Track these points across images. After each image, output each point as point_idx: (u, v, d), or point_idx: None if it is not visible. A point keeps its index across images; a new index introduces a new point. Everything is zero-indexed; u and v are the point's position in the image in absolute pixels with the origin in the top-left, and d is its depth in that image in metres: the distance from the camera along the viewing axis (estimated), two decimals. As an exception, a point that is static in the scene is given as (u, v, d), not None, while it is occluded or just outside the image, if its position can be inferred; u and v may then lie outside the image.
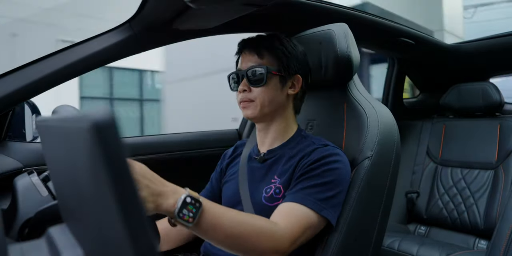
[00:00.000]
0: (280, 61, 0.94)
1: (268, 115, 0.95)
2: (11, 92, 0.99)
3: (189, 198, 0.65)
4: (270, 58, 0.94)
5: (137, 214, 0.28)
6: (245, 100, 0.94)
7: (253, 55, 0.95)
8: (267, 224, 0.76)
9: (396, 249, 1.60)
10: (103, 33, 1.12)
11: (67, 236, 0.44)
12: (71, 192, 0.42)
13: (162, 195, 0.62)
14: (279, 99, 0.95)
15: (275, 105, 0.95)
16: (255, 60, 0.94)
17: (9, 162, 1.09)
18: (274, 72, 0.93)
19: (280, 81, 0.95)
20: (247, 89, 0.93)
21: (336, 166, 0.86)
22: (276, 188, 0.90)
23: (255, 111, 0.93)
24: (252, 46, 0.96)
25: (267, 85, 0.92)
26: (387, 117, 1.00)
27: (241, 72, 0.95)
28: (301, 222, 0.79)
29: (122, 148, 0.28)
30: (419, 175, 2.03)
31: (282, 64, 0.94)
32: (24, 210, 0.80)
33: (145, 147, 1.43)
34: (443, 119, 2.11)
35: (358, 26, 1.43)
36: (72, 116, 0.34)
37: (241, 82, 0.94)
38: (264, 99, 0.92)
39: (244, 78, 0.94)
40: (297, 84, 0.98)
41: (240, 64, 0.98)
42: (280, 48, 0.95)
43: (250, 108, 0.94)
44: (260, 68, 0.92)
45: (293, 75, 0.96)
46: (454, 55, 2.06)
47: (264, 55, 0.94)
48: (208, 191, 1.12)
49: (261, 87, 0.92)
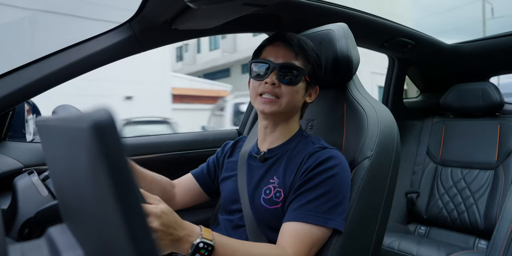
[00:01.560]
0: (311, 68, 0.94)
1: (286, 115, 0.95)
2: (11, 92, 0.99)
3: (201, 243, 0.68)
4: (303, 61, 0.93)
5: (137, 214, 0.28)
6: (270, 93, 0.90)
7: (289, 51, 0.92)
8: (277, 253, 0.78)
9: (396, 249, 1.60)
10: (103, 33, 1.12)
11: (67, 236, 0.44)
12: (71, 192, 0.42)
13: (179, 241, 0.66)
14: (299, 103, 0.95)
15: (294, 108, 0.95)
16: (292, 57, 0.91)
17: (9, 162, 1.09)
18: (307, 77, 0.93)
19: (305, 87, 0.94)
20: (276, 83, 0.90)
21: (335, 172, 0.85)
22: (276, 192, 0.90)
23: (279, 109, 0.91)
24: (289, 41, 0.92)
25: (297, 87, 0.91)
26: (387, 117, 1.00)
27: (274, 65, 0.90)
28: (308, 243, 0.80)
29: (122, 148, 0.28)
30: (419, 175, 2.03)
31: (313, 72, 0.94)
32: (24, 210, 0.80)
33: (145, 147, 1.43)
34: (443, 119, 2.11)
35: (358, 26, 1.43)
36: (72, 116, 0.34)
37: (270, 74, 0.90)
38: (290, 99, 0.91)
39: (275, 71, 0.90)
40: (314, 94, 0.99)
41: (269, 55, 0.93)
42: (314, 56, 0.94)
43: (274, 104, 0.90)
44: (298, 69, 0.91)
45: (315, 84, 0.98)
46: (454, 55, 2.06)
47: (300, 55, 0.92)
48: (201, 170, 1.13)
49: (290, 87, 0.91)
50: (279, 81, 0.90)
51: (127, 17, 1.13)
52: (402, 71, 2.19)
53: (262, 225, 0.91)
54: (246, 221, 0.93)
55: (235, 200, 0.98)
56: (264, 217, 0.90)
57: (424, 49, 1.95)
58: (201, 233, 0.70)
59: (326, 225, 0.81)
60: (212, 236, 0.71)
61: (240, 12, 1.07)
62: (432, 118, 2.15)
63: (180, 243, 0.66)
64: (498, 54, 1.97)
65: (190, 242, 0.68)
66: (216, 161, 1.12)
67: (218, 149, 1.15)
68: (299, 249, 0.79)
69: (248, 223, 0.93)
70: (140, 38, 1.14)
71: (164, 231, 0.63)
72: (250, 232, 0.92)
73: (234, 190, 0.99)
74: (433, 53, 2.04)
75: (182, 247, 0.67)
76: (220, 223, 1.03)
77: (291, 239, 0.81)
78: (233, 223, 0.97)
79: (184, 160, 1.50)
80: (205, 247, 0.68)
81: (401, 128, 1.07)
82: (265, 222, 0.90)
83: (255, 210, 0.92)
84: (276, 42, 0.94)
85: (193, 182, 1.11)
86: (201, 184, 1.11)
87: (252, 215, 0.92)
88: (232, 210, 0.99)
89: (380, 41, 1.78)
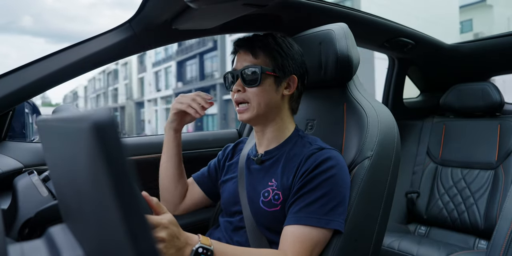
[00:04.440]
0: (275, 61, 0.93)
1: (263, 116, 0.94)
2: (11, 92, 0.99)
3: (201, 248, 0.71)
4: (265, 58, 0.93)
5: (137, 214, 0.28)
6: (241, 101, 0.93)
7: (248, 54, 0.93)
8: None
9: (396, 249, 1.60)
10: (103, 33, 1.12)
11: (67, 236, 0.44)
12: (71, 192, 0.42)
13: (181, 250, 0.69)
14: (274, 100, 0.94)
15: (270, 106, 0.94)
16: (250, 60, 0.93)
17: (9, 162, 1.09)
18: (269, 72, 0.92)
19: (275, 81, 0.93)
20: (242, 90, 0.92)
21: (334, 172, 0.85)
22: (274, 194, 0.90)
23: (252, 114, 0.92)
24: (247, 45, 0.94)
25: (261, 85, 0.91)
26: (387, 117, 1.00)
27: (236, 72, 0.93)
28: (310, 246, 0.81)
29: (122, 148, 0.28)
30: (419, 175, 2.03)
31: (277, 64, 0.93)
32: (24, 210, 0.80)
33: (145, 147, 1.43)
34: (443, 119, 2.11)
35: (358, 26, 1.43)
36: (72, 116, 0.34)
37: (236, 82, 0.93)
38: (259, 100, 0.91)
39: (239, 78, 0.92)
40: (292, 84, 0.96)
41: (235, 64, 0.96)
42: (275, 48, 0.93)
43: (246, 112, 0.93)
44: (254, 68, 0.91)
45: (288, 75, 0.95)
46: (454, 55, 2.06)
47: (259, 54, 0.93)
48: (201, 174, 1.14)
49: (255, 88, 0.91)
50: (243, 86, 0.92)
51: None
52: (402, 71, 2.19)
53: (262, 227, 0.91)
54: (246, 223, 0.93)
55: (236, 202, 0.98)
56: (263, 219, 0.91)
57: (424, 49, 1.95)
58: (200, 240, 0.72)
59: (328, 226, 0.81)
60: (210, 243, 0.73)
61: (240, 12, 1.07)
62: (432, 118, 2.15)
63: (181, 252, 0.69)
64: (498, 54, 1.97)
65: (190, 249, 0.70)
66: (217, 164, 1.13)
67: (220, 152, 1.16)
68: (300, 253, 0.79)
69: (248, 225, 0.93)
70: (140, 38, 1.14)
71: (170, 241, 0.66)
72: (251, 234, 0.92)
73: (234, 192, 0.99)
74: (433, 53, 2.04)
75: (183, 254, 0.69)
76: (221, 225, 1.03)
77: (292, 243, 0.81)
78: (233, 225, 0.97)
79: (184, 160, 1.50)
80: (204, 252, 0.71)
81: (401, 128, 1.07)
82: (264, 224, 0.91)
83: (254, 212, 0.92)
84: (238, 49, 0.97)
85: (194, 185, 1.12)
86: (203, 187, 1.11)
87: (251, 217, 0.92)
88: (232, 212, 0.99)
89: (380, 41, 1.78)
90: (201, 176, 1.13)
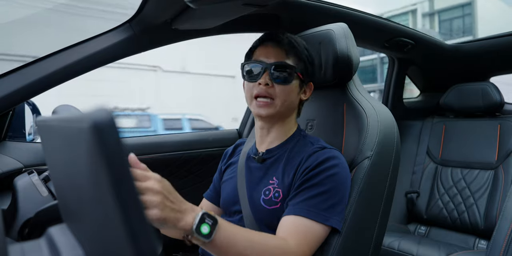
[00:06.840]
0: (303, 65, 0.94)
1: (282, 115, 0.94)
2: (11, 92, 0.99)
3: (206, 215, 0.67)
4: (295, 59, 0.93)
5: (137, 214, 0.28)
6: (264, 95, 0.90)
7: (281, 50, 0.91)
8: (278, 243, 0.77)
9: (396, 249, 1.60)
10: (103, 33, 1.12)
11: (67, 236, 0.44)
12: (71, 192, 0.42)
13: (182, 212, 0.64)
14: (295, 101, 0.95)
15: (290, 107, 0.94)
16: (282, 56, 0.91)
17: (9, 162, 1.09)
18: (299, 74, 0.92)
19: (299, 84, 0.94)
20: (270, 84, 0.90)
21: (335, 171, 0.85)
22: (275, 192, 0.90)
23: (274, 111, 0.91)
24: (278, 41, 0.92)
25: (290, 85, 0.91)
26: (387, 117, 1.00)
27: (266, 65, 0.90)
28: (309, 237, 0.80)
29: (122, 148, 0.28)
30: (419, 175, 2.03)
31: (305, 68, 0.94)
32: (24, 210, 0.80)
33: (145, 147, 1.43)
34: (443, 119, 2.11)
35: (358, 26, 1.43)
36: (72, 116, 0.34)
37: (263, 74, 0.90)
38: (285, 99, 0.91)
39: (268, 72, 0.89)
40: (308, 90, 0.99)
41: (260, 56, 0.93)
42: (305, 53, 0.94)
43: (268, 107, 0.90)
44: (290, 67, 0.90)
45: (309, 81, 0.97)
46: (454, 55, 2.06)
47: (290, 54, 0.92)
48: (212, 191, 1.12)
49: (284, 86, 0.90)
50: (272, 81, 0.90)
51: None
52: (402, 71, 2.19)
53: (261, 225, 0.91)
54: (246, 222, 0.93)
55: (235, 202, 0.98)
56: (263, 217, 0.90)
57: (424, 49, 1.95)
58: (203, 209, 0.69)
59: (326, 223, 0.81)
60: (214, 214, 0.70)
61: (240, 12, 1.07)
62: (432, 118, 2.15)
63: (183, 215, 0.64)
64: (498, 54, 1.97)
65: (193, 215, 0.65)
66: (219, 174, 1.12)
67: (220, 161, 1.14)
68: (300, 241, 0.79)
69: (248, 224, 0.93)
70: (140, 38, 1.14)
71: (165, 196, 0.60)
72: None
73: (233, 191, 0.99)
74: (433, 53, 2.04)
75: (185, 218, 0.64)
76: None
77: (291, 231, 0.80)
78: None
79: (184, 160, 1.50)
80: (209, 220, 0.67)
81: (401, 128, 1.07)
82: (264, 222, 0.90)
83: (254, 210, 0.92)
84: (266, 42, 0.94)
85: (208, 204, 1.11)
86: (216, 203, 1.10)
87: (251, 215, 0.92)
88: (232, 211, 0.99)
89: (380, 41, 1.78)
90: (211, 193, 1.12)
